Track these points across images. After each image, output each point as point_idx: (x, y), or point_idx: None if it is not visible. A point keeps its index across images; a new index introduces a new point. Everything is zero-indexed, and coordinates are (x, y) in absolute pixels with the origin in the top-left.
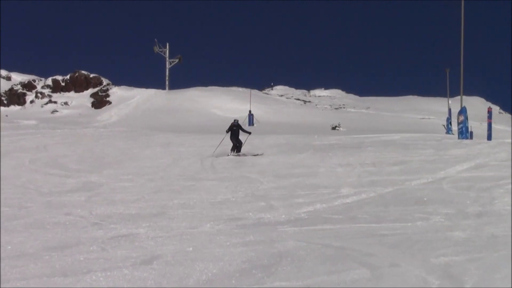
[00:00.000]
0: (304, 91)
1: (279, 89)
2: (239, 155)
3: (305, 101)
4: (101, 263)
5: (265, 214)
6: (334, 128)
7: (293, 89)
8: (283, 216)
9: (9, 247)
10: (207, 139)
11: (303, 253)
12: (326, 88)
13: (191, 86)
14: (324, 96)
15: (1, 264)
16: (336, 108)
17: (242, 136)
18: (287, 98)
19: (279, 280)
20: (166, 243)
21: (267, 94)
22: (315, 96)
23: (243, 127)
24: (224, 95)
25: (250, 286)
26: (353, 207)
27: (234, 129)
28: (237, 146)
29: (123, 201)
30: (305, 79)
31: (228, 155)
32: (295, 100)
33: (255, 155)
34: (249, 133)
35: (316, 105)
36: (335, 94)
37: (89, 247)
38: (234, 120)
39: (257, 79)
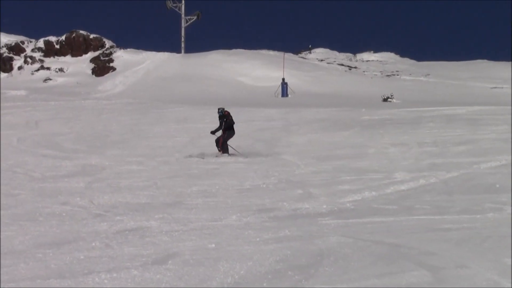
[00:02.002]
0: (349, 54)
1: (318, 53)
2: (224, 155)
3: (350, 67)
4: (105, 262)
5: (302, 204)
6: (385, 100)
7: (335, 52)
8: (325, 206)
9: None
10: (232, 113)
11: (349, 251)
12: (376, 51)
13: (211, 49)
14: (373, 60)
15: None
16: (388, 76)
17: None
18: (328, 63)
19: (320, 283)
20: (183, 238)
21: (304, 58)
22: (363, 61)
23: (230, 118)
24: (252, 59)
25: None
26: (409, 196)
27: (220, 122)
28: (223, 144)
29: (131, 188)
30: (350, 40)
31: (216, 155)
32: (338, 66)
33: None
34: (230, 123)
35: (363, 71)
36: (387, 59)
37: (90, 243)
38: (219, 110)
39: (292, 40)
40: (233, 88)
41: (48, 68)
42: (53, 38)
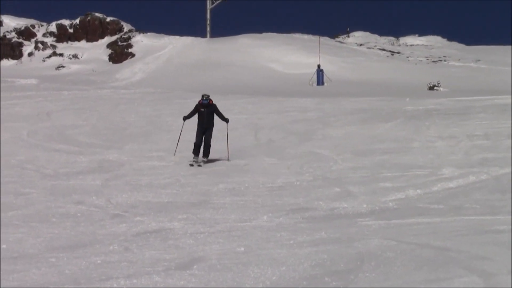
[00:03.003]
0: (392, 38)
1: (357, 36)
2: (204, 161)
3: (392, 52)
4: (124, 267)
5: (340, 203)
6: (431, 88)
7: (376, 36)
8: (365, 205)
9: (4, 246)
10: (262, 103)
11: (392, 255)
12: (421, 34)
13: (239, 32)
14: (418, 45)
15: None
16: (434, 61)
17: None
18: (368, 48)
19: None
20: (209, 241)
21: (342, 42)
22: (406, 46)
23: (218, 110)
24: (284, 44)
25: None
26: (458, 194)
27: (202, 112)
28: (203, 147)
29: (152, 186)
30: (392, 22)
31: (191, 163)
32: (379, 51)
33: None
34: (227, 120)
35: (407, 57)
36: (433, 43)
37: (108, 247)
38: (203, 97)
39: (329, 22)
40: (263, 75)
41: (60, 55)
42: (66, 22)
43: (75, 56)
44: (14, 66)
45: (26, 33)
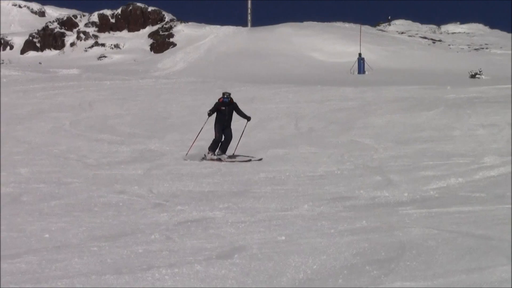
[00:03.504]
0: (433, 26)
1: (398, 25)
2: (221, 159)
3: (434, 40)
4: (165, 256)
5: (381, 191)
6: (473, 76)
7: (417, 24)
8: (406, 194)
9: (47, 235)
10: (304, 92)
11: (433, 244)
12: (463, 22)
13: (281, 21)
14: (460, 33)
15: (37, 258)
16: (476, 49)
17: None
18: (409, 36)
19: (401, 279)
20: (250, 230)
21: (383, 31)
22: (448, 33)
23: (239, 106)
24: (325, 33)
25: (362, 286)
26: (500, 182)
27: (223, 110)
28: (222, 142)
29: (193, 175)
30: (434, 10)
31: (203, 157)
32: (420, 39)
33: (248, 161)
34: (248, 118)
35: (449, 45)
36: (475, 30)
37: (149, 236)
38: (224, 95)
39: (369, 11)
40: (305, 64)
41: (102, 45)
42: (108, 12)
43: (116, 46)
44: (57, 56)
45: (68, 24)
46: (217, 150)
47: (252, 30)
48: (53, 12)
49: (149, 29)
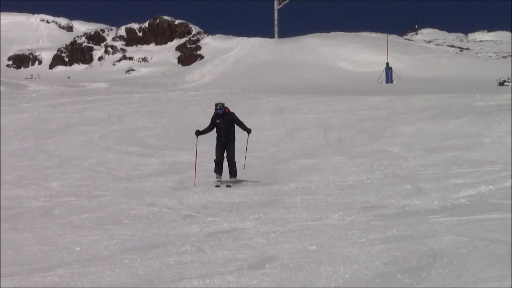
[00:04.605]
0: (460, 35)
1: (425, 33)
2: (230, 186)
3: (461, 49)
4: (196, 267)
5: (411, 200)
6: (501, 84)
7: (445, 33)
8: (436, 202)
9: (78, 248)
10: (332, 102)
11: (464, 252)
12: (490, 30)
13: (307, 32)
14: (487, 41)
15: (69, 271)
16: (504, 57)
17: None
18: (437, 45)
19: (433, 287)
20: (281, 240)
21: (410, 40)
22: (475, 41)
23: (237, 118)
24: (352, 43)
25: None
26: None
27: (219, 124)
28: (230, 165)
29: (223, 187)
30: (461, 18)
31: (216, 184)
32: (447, 48)
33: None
34: (249, 130)
35: (476, 53)
36: (503, 38)
37: (180, 247)
38: (217, 106)
39: (396, 20)
40: (332, 74)
41: (130, 58)
42: (135, 25)
43: (144, 59)
44: (85, 71)
45: (96, 38)
46: (227, 175)
47: (278, 42)
48: (81, 27)
49: (176, 42)
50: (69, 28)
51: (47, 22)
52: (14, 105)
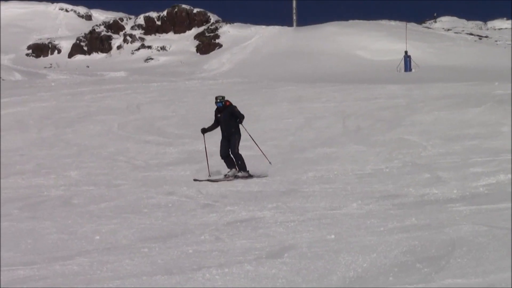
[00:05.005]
0: (479, 22)
1: (444, 21)
2: (239, 176)
3: (480, 37)
4: (215, 256)
5: (430, 189)
6: None
7: (463, 21)
8: (455, 191)
9: (97, 237)
10: (350, 90)
11: (484, 241)
12: (510, 17)
13: (326, 20)
14: (506, 28)
15: (89, 260)
16: None
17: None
18: (455, 33)
19: (452, 276)
20: (299, 229)
21: (429, 28)
22: (495, 29)
23: (237, 109)
24: (371, 31)
25: (413, 285)
26: None
27: (219, 118)
28: (234, 159)
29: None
30: (480, 6)
31: (225, 174)
32: (466, 36)
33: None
34: (240, 117)
35: (496, 41)
36: None
37: (199, 236)
38: (217, 99)
39: (415, 8)
40: (350, 63)
41: (149, 47)
42: (153, 14)
43: (163, 48)
44: (104, 59)
45: (115, 27)
46: (231, 169)
47: (297, 30)
48: (100, 16)
49: (194, 30)
50: (88, 17)
51: (66, 11)
52: (33, 94)
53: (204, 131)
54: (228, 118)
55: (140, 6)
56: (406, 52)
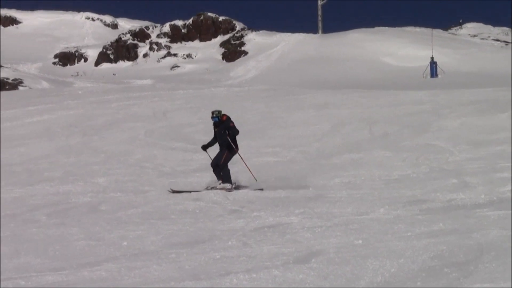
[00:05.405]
0: (505, 29)
1: (470, 28)
2: (225, 189)
3: (507, 42)
4: (242, 262)
5: (457, 194)
6: None
7: (489, 27)
8: (483, 196)
9: (125, 243)
10: (376, 96)
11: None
12: None
13: (351, 27)
14: None
15: (117, 266)
16: None
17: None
18: (481, 39)
19: (480, 281)
20: (327, 235)
21: (454, 34)
22: None
23: (232, 125)
24: (396, 38)
25: None
26: None
27: (216, 132)
28: (220, 170)
29: (268, 181)
30: (506, 12)
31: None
32: (492, 41)
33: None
34: (230, 135)
35: None
36: None
37: (226, 242)
38: (213, 114)
39: (440, 14)
40: (376, 69)
41: (175, 55)
42: (179, 22)
43: (189, 55)
44: (130, 68)
45: (141, 35)
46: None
47: (323, 37)
48: (126, 24)
49: (220, 38)
50: (114, 26)
51: (92, 20)
52: (60, 102)
53: (204, 147)
54: (223, 133)
55: (166, 14)
56: (432, 58)
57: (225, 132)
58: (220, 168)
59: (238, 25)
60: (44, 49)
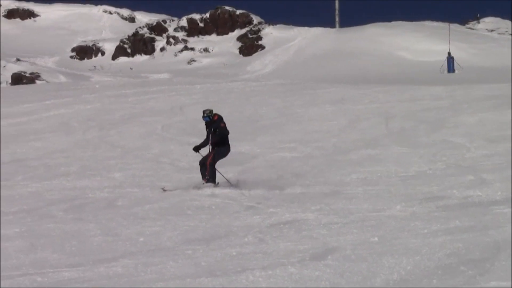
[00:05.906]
0: None
1: (488, 22)
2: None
3: None
4: (259, 258)
5: (474, 191)
6: None
7: (507, 22)
8: (499, 193)
9: (142, 239)
10: (393, 92)
11: None
12: None
13: (369, 22)
14: None
15: (133, 262)
16: None
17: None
18: (499, 33)
19: (497, 279)
20: (343, 231)
21: (472, 29)
22: None
23: (222, 125)
24: (413, 32)
25: (457, 287)
26: None
27: (207, 132)
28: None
29: (284, 177)
30: None
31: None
32: (510, 36)
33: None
34: (217, 133)
35: None
36: None
37: (242, 238)
38: (204, 113)
39: (457, 9)
40: (393, 64)
41: (192, 49)
42: (196, 16)
43: (206, 49)
44: (147, 61)
45: (158, 29)
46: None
47: (340, 31)
48: (143, 18)
49: (237, 32)
50: (131, 19)
51: (110, 13)
52: (77, 96)
53: (196, 148)
54: (213, 132)
55: (183, 8)
56: (449, 53)
57: (215, 132)
58: (208, 167)
59: (255, 19)
60: (61, 43)
